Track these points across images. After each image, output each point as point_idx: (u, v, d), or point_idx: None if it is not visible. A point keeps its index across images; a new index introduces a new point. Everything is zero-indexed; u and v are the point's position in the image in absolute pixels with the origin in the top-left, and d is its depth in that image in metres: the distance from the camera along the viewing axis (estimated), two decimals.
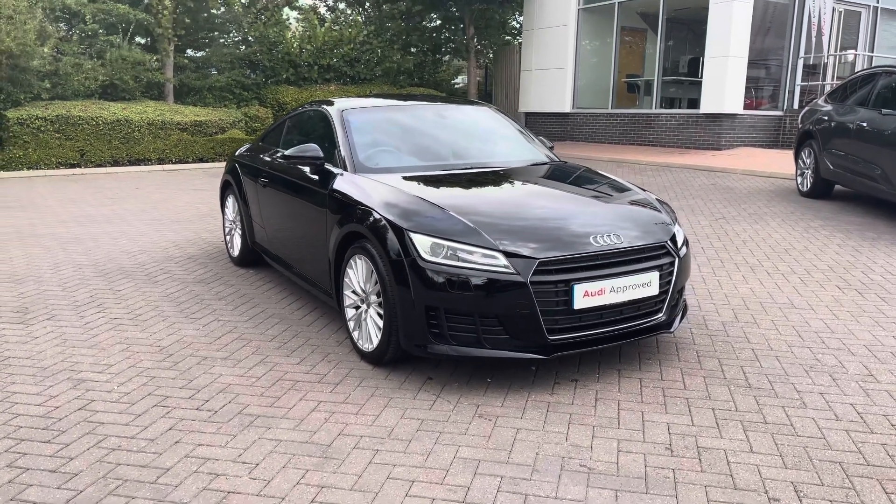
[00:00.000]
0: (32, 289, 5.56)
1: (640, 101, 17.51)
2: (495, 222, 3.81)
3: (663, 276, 3.93)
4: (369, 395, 3.66)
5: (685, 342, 4.44)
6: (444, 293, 3.59)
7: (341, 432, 3.27)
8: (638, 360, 4.15)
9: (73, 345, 4.36)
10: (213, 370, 3.99)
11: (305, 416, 3.43)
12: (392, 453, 3.09)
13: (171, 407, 3.52)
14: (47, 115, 12.95)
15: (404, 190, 4.10)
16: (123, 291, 5.51)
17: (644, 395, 3.68)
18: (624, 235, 3.86)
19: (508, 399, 3.63)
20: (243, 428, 3.31)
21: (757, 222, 8.19)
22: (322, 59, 18.01)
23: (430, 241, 3.66)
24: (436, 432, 3.28)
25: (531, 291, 3.54)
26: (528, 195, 4.35)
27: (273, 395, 3.67)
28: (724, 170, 12.84)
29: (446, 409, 3.51)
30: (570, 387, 3.78)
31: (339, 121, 4.82)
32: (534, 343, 3.63)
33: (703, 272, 6.10)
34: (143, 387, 3.76)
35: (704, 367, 4.05)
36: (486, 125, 5.37)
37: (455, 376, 3.89)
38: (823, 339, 4.51)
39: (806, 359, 4.18)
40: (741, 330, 4.66)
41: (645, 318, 3.92)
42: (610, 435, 3.26)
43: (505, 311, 3.58)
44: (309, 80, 17.93)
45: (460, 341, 3.65)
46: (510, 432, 3.28)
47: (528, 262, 3.58)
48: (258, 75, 17.60)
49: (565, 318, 3.64)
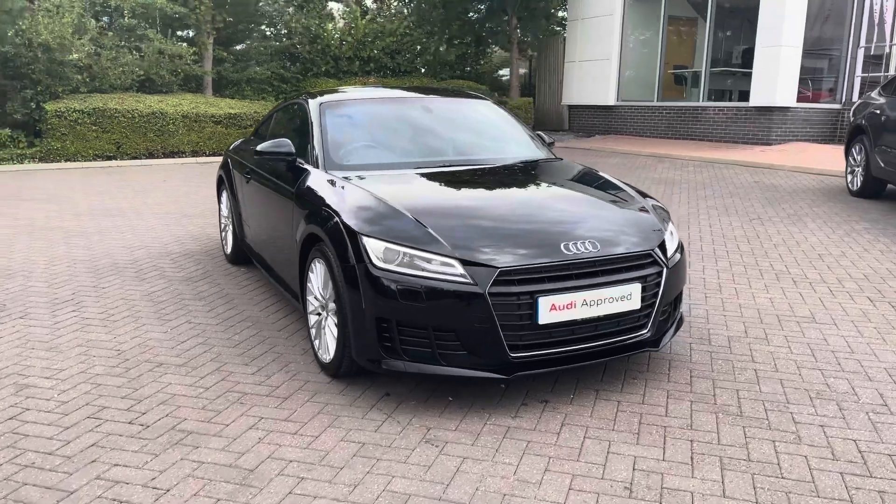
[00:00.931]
0: (18, 284, 5.48)
1: (687, 94, 16.79)
2: (459, 227, 3.48)
3: (648, 289, 3.53)
4: (315, 413, 3.38)
5: (680, 359, 4.03)
6: (397, 303, 3.28)
7: (271, 455, 3.00)
8: (622, 379, 3.76)
9: (32, 346, 4.22)
10: (164, 378, 3.77)
11: (239, 435, 3.17)
12: (317, 482, 2.81)
13: (104, 420, 3.31)
14: (84, 108, 13.10)
15: (367, 190, 3.80)
16: (107, 289, 5.37)
17: (617, 422, 3.30)
18: (602, 243, 3.47)
19: (465, 421, 3.30)
20: (169, 446, 3.07)
21: (794, 224, 7.62)
22: (362, 51, 17.84)
23: (383, 246, 3.35)
24: (373, 459, 2.98)
25: (490, 304, 3.20)
26: (502, 197, 3.99)
27: (215, 408, 3.43)
28: (772, 166, 12.14)
29: (393, 432, 3.20)
30: (538, 409, 3.43)
31: (317, 115, 4.54)
32: (494, 361, 3.29)
33: (722, 279, 5.63)
34: (84, 395, 3.57)
35: (695, 391, 3.64)
36: (479, 120, 5.02)
37: (415, 393, 3.58)
38: (840, 359, 4.03)
39: (814, 383, 3.72)
40: (747, 347, 4.22)
41: (626, 334, 3.53)
42: (565, 469, 2.91)
43: (462, 325, 3.25)
44: (349, 73, 17.78)
45: (414, 357, 3.33)
46: (455, 462, 2.96)
47: (488, 272, 3.24)
48: (297, 68, 17.55)
49: (530, 333, 3.28)
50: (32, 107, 13.16)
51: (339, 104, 4.71)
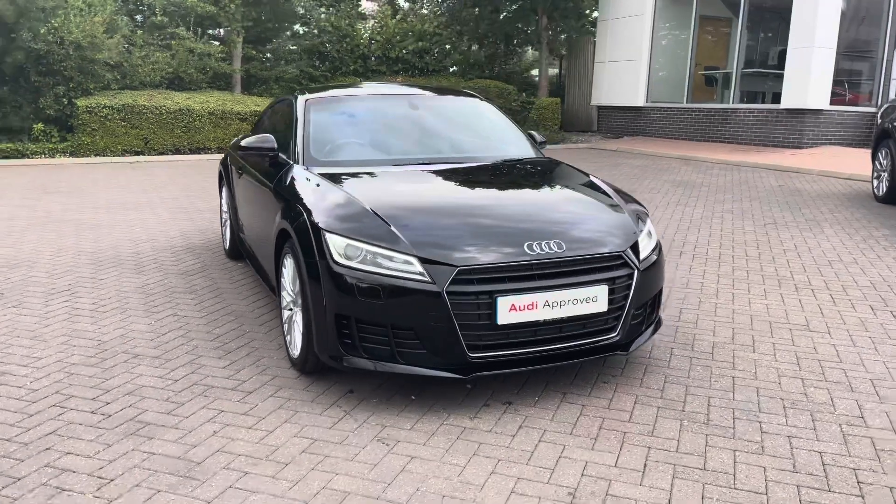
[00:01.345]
0: (20, 274, 5.61)
1: (718, 95, 16.47)
2: (424, 225, 3.45)
3: (617, 291, 3.46)
4: (276, 407, 3.39)
5: (657, 364, 3.94)
6: (356, 300, 3.26)
7: (221, 448, 3.01)
8: (592, 382, 3.69)
9: (18, 335, 4.30)
10: (136, 370, 3.82)
11: (195, 428, 3.19)
12: (260, 477, 2.80)
13: (68, 409, 3.36)
14: (114, 104, 13.38)
15: (337, 186, 3.79)
16: (104, 280, 5.47)
17: (577, 426, 3.24)
18: (568, 243, 3.41)
19: (422, 421, 3.27)
20: (124, 437, 3.10)
21: (811, 229, 7.41)
22: (391, 50, 17.89)
23: (345, 242, 3.34)
24: (321, 456, 2.96)
25: (447, 303, 3.17)
26: (474, 196, 3.94)
27: (178, 401, 3.46)
28: (800, 170, 11.84)
29: (347, 429, 3.19)
30: (499, 410, 3.38)
31: (302, 111, 4.55)
32: (453, 360, 3.26)
33: (721, 283, 5.49)
34: (55, 384, 3.63)
35: (665, 396, 3.55)
36: (468, 118, 4.98)
37: (379, 391, 3.56)
38: (825, 369, 3.90)
39: (792, 392, 3.60)
40: (731, 353, 4.11)
41: (593, 337, 3.46)
42: (512, 472, 2.86)
43: (420, 324, 3.22)
44: (377, 72, 17.85)
45: (373, 354, 3.31)
46: (402, 461, 2.93)
47: (447, 271, 3.20)
48: (326, 66, 17.68)
49: (489, 333, 3.24)
50: (65, 102, 13.48)
51: (326, 101, 4.72)
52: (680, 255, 6.36)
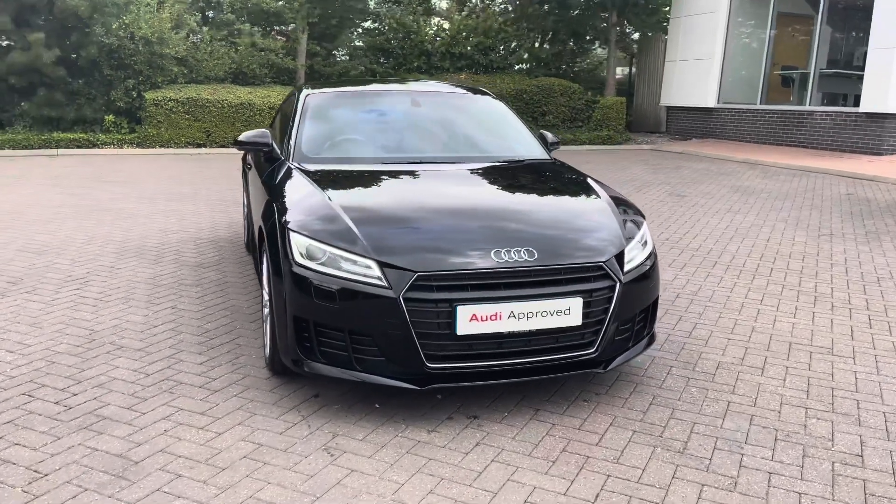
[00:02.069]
0: (45, 261, 5.76)
1: (794, 97, 15.63)
2: (391, 227, 3.32)
3: (594, 304, 3.23)
4: (235, 408, 3.32)
5: (649, 383, 3.68)
6: (314, 303, 3.15)
7: (164, 448, 2.96)
8: (572, 399, 3.47)
9: (19, 321, 4.40)
10: (115, 362, 3.82)
11: (148, 425, 3.15)
12: (190, 482, 2.73)
13: (34, 398, 3.38)
14: (179, 98, 13.76)
15: (313, 185, 3.69)
16: (120, 270, 5.56)
17: (539, 447, 3.03)
18: (541, 251, 3.20)
19: (377, 431, 3.13)
20: (75, 430, 3.08)
21: (868, 243, 6.88)
22: (455, 47, 17.77)
23: (307, 242, 3.24)
24: (260, 463, 2.87)
25: (404, 310, 3.02)
26: (453, 199, 3.75)
27: (143, 396, 3.43)
28: (875, 178, 11.08)
29: (297, 436, 3.08)
30: (461, 425, 3.20)
31: (301, 106, 4.49)
32: (411, 369, 3.11)
33: (749, 298, 5.13)
34: (33, 372, 3.67)
35: (646, 419, 3.30)
36: (473, 116, 4.80)
37: (345, 397, 3.44)
38: (837, 398, 3.55)
39: (790, 423, 3.29)
40: (735, 375, 3.80)
41: (566, 352, 3.25)
42: (451, 493, 2.69)
43: (377, 331, 3.08)
44: (440, 69, 17.77)
45: (332, 360, 3.19)
46: (340, 474, 2.80)
47: (405, 276, 3.05)
48: (391, 63, 17.71)
49: (449, 343, 3.07)
50: (134, 95, 13.95)
51: (326, 96, 4.64)
52: (713, 266, 5.99)
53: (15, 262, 5.70)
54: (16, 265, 5.63)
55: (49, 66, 13.20)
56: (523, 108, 16.68)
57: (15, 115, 13.82)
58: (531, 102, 16.72)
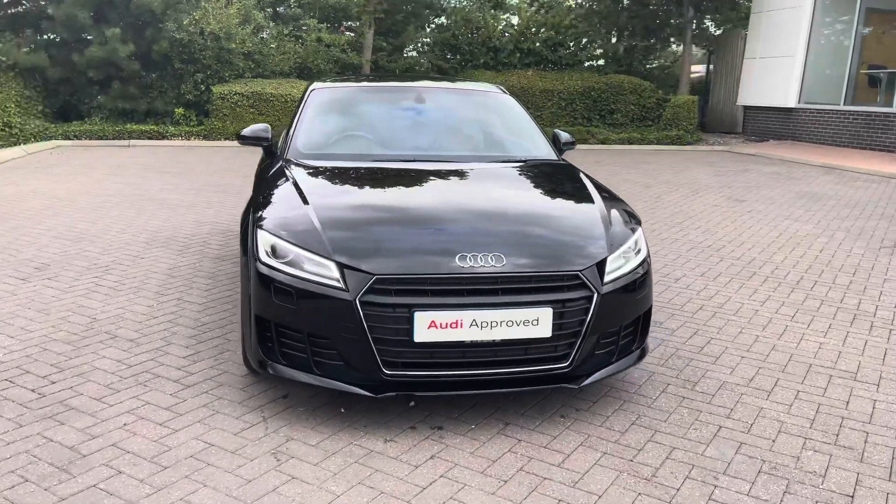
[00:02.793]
0: (77, 248, 5.94)
1: (881, 98, 14.65)
2: (356, 228, 3.22)
3: (568, 315, 3.03)
4: (200, 405, 3.29)
5: (639, 401, 3.44)
6: (273, 303, 3.08)
7: (116, 443, 2.94)
8: (547, 415, 3.28)
9: (30, 306, 4.52)
10: (104, 351, 3.87)
11: (110, 418, 3.15)
12: (128, 479, 2.70)
13: (14, 385, 3.44)
14: (244, 91, 14.07)
15: (294, 181, 3.61)
16: (143, 260, 5.67)
17: (496, 465, 2.87)
18: (510, 258, 3.03)
19: (333, 438, 3.03)
20: (39, 420, 3.11)
21: None
22: (523, 43, 17.51)
23: (273, 241, 3.17)
24: (204, 463, 2.82)
25: (360, 314, 2.91)
26: (431, 200, 3.59)
27: (117, 388, 3.45)
28: None
29: (251, 437, 3.02)
30: (422, 435, 3.07)
31: (305, 100, 4.43)
32: (369, 376, 2.99)
33: (780, 314, 4.78)
34: (23, 358, 3.75)
35: (622, 441, 3.08)
36: (478, 113, 4.63)
37: (315, 399, 3.36)
38: (845, 429, 3.23)
39: (782, 454, 3.01)
40: (736, 398, 3.52)
41: (535, 364, 3.06)
42: None
43: (335, 334, 2.98)
44: (508, 65, 17.55)
45: (293, 363, 3.11)
46: (279, 480, 2.72)
47: (363, 278, 2.93)
48: (458, 59, 17.61)
49: (408, 351, 2.94)
50: (202, 89, 14.35)
51: (332, 91, 4.57)
52: (750, 277, 5.62)
53: (49, 248, 5.90)
54: (49, 251, 5.82)
55: (124, 60, 13.72)
56: (591, 106, 16.30)
57: (93, 107, 14.44)
58: (599, 100, 16.31)
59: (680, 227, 7.41)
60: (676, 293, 5.18)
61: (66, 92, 14.46)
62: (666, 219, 7.78)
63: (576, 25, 17.77)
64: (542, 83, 16.35)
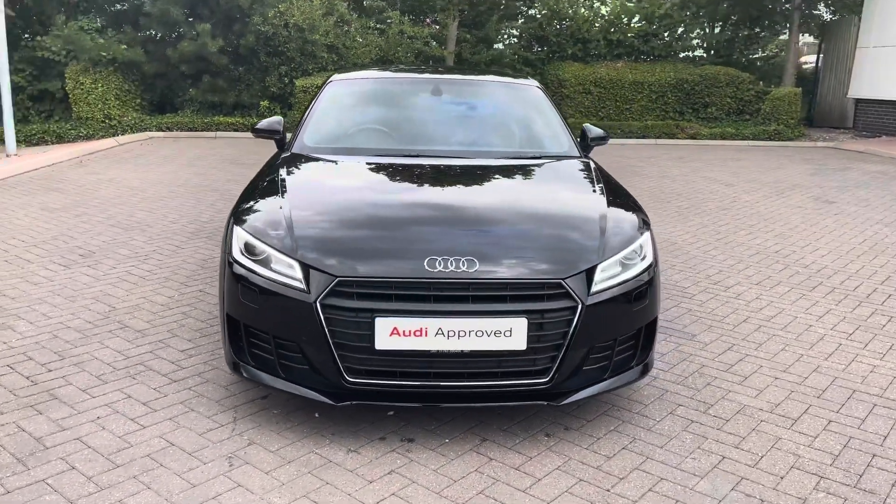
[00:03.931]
0: (126, 237, 6.10)
1: None
2: (331, 228, 3.09)
3: (548, 326, 2.78)
4: (178, 402, 3.24)
5: (640, 422, 3.14)
6: (241, 303, 2.98)
7: (82, 436, 2.93)
8: (532, 432, 3.03)
9: (59, 293, 4.64)
10: (109, 341, 3.90)
11: (87, 410, 3.14)
12: (79, 475, 2.67)
13: (13, 371, 3.51)
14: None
15: (277, 180, 3.51)
16: (182, 250, 5.75)
17: (456, 485, 2.66)
18: (484, 263, 2.80)
19: (296, 445, 2.91)
20: (22, 408, 3.14)
21: None
22: (613, 34, 16.88)
23: (246, 237, 3.07)
24: (156, 464, 2.76)
25: (320, 317, 2.76)
26: (416, 199, 3.39)
27: (107, 379, 3.45)
28: None
29: (214, 439, 2.94)
30: (389, 447, 2.90)
31: (320, 93, 4.33)
32: (332, 382, 2.85)
33: (834, 331, 4.31)
34: (33, 344, 3.83)
35: (604, 468, 2.80)
36: (498, 108, 4.39)
37: (291, 402, 3.23)
38: (875, 467, 2.83)
39: (787, 495, 2.65)
40: (754, 425, 3.15)
41: (511, 378, 2.83)
42: None
43: (297, 337, 2.86)
44: (596, 56, 16.97)
45: (261, 365, 3.00)
46: (223, 487, 2.62)
47: (325, 280, 2.79)
48: (544, 51, 17.20)
49: (371, 358, 2.78)
50: (286, 82, 14.63)
51: (345, 83, 4.45)
52: (814, 288, 5.11)
53: (101, 236, 6.09)
54: (99, 239, 6.01)
55: (214, 54, 14.15)
56: (683, 100, 15.52)
57: (185, 100, 15.01)
58: (692, 93, 15.50)
59: (750, 229, 6.87)
60: (723, 302, 4.76)
61: (161, 85, 15.08)
62: (737, 221, 7.23)
63: (671, 14, 16.96)
64: (633, 75, 15.70)
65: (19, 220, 6.56)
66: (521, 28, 16.91)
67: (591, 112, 15.71)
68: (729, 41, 17.60)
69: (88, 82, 13.40)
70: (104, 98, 13.56)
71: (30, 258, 5.38)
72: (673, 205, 8.00)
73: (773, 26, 17.72)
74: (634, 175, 10.07)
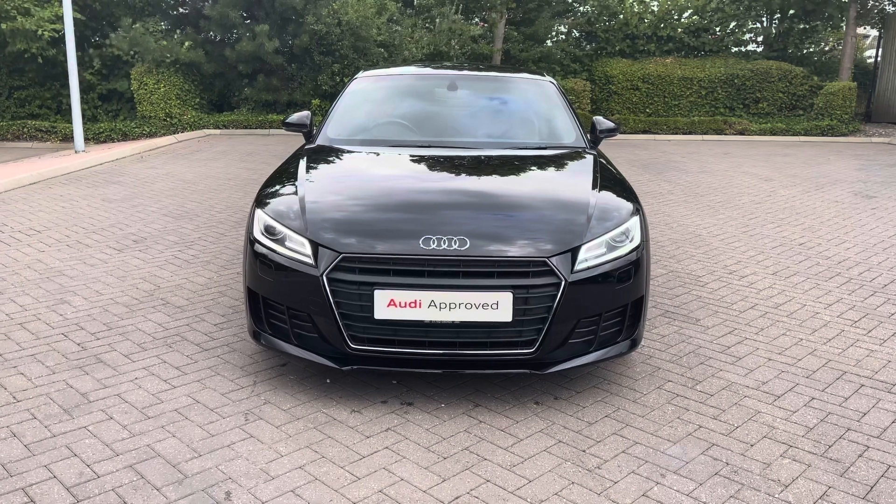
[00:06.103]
0: (175, 225, 6.56)
1: None
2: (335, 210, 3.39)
3: (532, 301, 3.02)
4: (206, 367, 3.59)
5: (627, 394, 3.36)
6: (260, 278, 3.32)
7: (120, 393, 3.31)
8: (523, 400, 3.28)
9: (112, 273, 5.09)
10: (152, 315, 4.29)
11: (128, 372, 3.52)
12: (113, 424, 3.03)
13: (66, 338, 3.92)
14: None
15: (299, 167, 3.83)
16: (227, 237, 6.16)
17: (444, 443, 2.93)
18: (474, 242, 3.06)
19: (307, 405, 3.22)
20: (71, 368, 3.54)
21: None
22: (663, 29, 16.83)
23: (265, 219, 3.40)
24: (181, 417, 3.11)
25: (326, 289, 3.07)
26: (420, 184, 3.69)
27: (146, 346, 3.83)
28: None
29: (234, 398, 3.28)
30: (389, 409, 3.19)
31: (345, 89, 4.66)
32: (337, 349, 3.16)
33: (844, 317, 4.44)
34: (84, 316, 4.26)
35: (583, 432, 3.03)
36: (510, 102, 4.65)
37: (308, 369, 3.56)
38: (845, 439, 2.99)
39: (754, 461, 2.83)
40: (736, 400, 3.33)
41: (499, 348, 3.09)
42: (318, 471, 2.71)
43: (308, 308, 3.17)
44: (645, 52, 16.95)
45: (278, 333, 3.34)
46: (237, 437, 2.95)
47: (331, 256, 3.10)
48: (593, 48, 17.26)
49: (371, 327, 3.08)
50: (338, 80, 15.10)
51: (373, 80, 4.75)
52: (830, 279, 5.19)
53: (153, 224, 6.57)
54: (152, 227, 6.48)
55: (270, 54, 14.71)
56: (733, 95, 15.40)
57: (241, 99, 15.64)
58: (743, 88, 15.37)
59: (779, 223, 6.92)
60: (734, 290, 4.90)
61: (219, 85, 15.73)
62: (768, 214, 7.28)
63: (723, 8, 16.80)
64: (682, 71, 15.66)
65: (82, 210, 7.10)
66: (569, 24, 17.00)
67: (638, 108, 15.73)
68: (783, 35, 17.32)
69: (152, 83, 14.10)
70: (166, 97, 14.24)
71: (89, 243, 5.87)
72: (706, 199, 8.08)
73: (829, 19, 17.35)
74: (673, 170, 10.14)
